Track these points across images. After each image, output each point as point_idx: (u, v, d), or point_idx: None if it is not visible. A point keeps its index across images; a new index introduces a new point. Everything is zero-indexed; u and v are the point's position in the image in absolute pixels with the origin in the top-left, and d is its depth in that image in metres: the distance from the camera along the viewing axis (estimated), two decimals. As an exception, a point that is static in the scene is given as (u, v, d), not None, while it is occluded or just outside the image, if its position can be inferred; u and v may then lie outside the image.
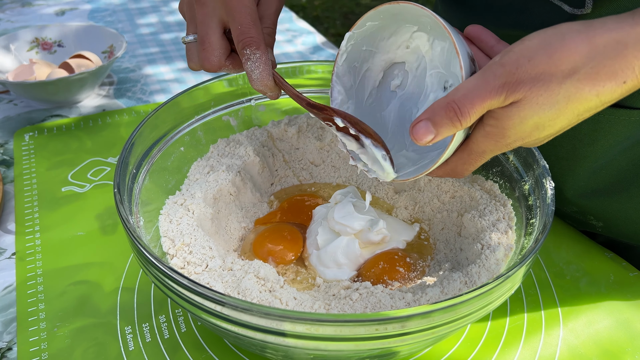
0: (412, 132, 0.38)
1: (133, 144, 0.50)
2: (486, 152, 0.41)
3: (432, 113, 0.37)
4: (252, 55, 0.45)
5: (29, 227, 0.62)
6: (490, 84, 0.36)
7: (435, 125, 0.37)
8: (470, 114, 0.37)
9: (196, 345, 0.50)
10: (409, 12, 0.43)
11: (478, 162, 0.42)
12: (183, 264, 0.47)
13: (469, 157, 0.42)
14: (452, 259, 0.50)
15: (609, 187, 0.56)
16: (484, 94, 0.36)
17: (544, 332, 0.51)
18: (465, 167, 0.43)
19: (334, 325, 0.35)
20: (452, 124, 0.37)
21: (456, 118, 0.37)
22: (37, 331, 0.51)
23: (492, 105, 0.37)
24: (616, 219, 0.58)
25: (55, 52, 0.92)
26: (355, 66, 0.50)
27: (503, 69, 0.36)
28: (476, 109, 0.37)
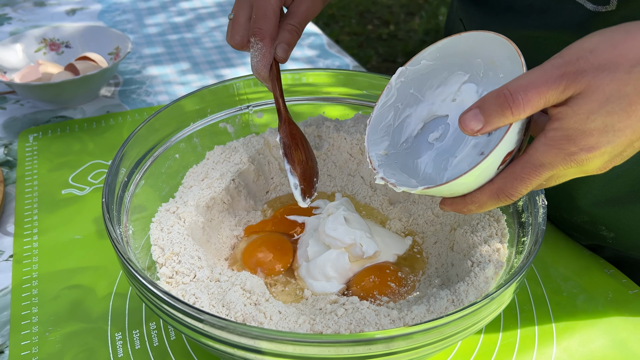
0: (460, 121, 0.35)
1: (126, 151, 0.50)
2: (545, 165, 0.35)
3: (483, 101, 0.35)
4: (256, 44, 0.49)
5: (27, 230, 0.63)
6: (548, 74, 0.33)
7: (484, 112, 0.35)
8: (523, 103, 0.33)
9: (184, 353, 0.50)
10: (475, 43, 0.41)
11: (533, 179, 0.36)
12: (171, 274, 0.47)
13: (522, 171, 0.36)
14: (442, 274, 0.49)
15: (623, 196, 0.55)
16: (540, 83, 0.33)
17: (536, 350, 0.50)
18: (516, 186, 0.37)
19: (312, 346, 0.35)
20: (502, 112, 0.34)
21: (507, 105, 0.34)
22: (29, 335, 0.51)
23: (549, 97, 0.34)
24: (629, 230, 0.57)
25: (62, 52, 0.93)
26: (399, 107, 0.48)
27: (562, 60, 0.33)
28: (530, 97, 0.33)
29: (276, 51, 0.50)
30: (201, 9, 1.23)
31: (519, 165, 0.36)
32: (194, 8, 1.23)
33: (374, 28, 3.14)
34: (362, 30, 3.08)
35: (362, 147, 0.60)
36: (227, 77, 0.96)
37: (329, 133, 0.61)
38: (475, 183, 0.38)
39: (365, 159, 0.60)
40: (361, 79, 0.63)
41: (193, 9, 1.23)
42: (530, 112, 0.34)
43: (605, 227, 0.58)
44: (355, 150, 0.60)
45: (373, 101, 0.63)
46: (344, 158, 0.61)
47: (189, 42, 1.09)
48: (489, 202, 0.38)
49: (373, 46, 2.94)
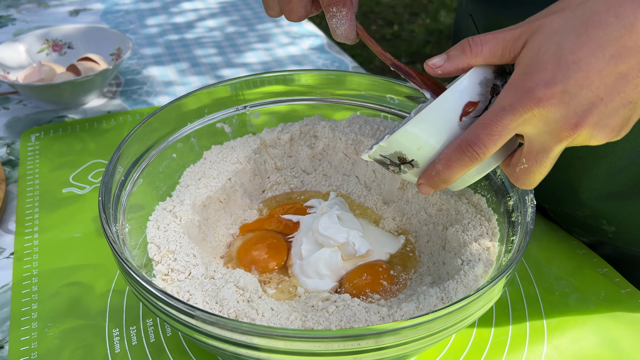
0: (427, 61, 0.39)
1: (123, 151, 0.51)
2: (506, 108, 0.35)
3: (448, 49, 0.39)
4: (339, 12, 0.46)
5: (28, 228, 0.64)
6: (504, 31, 0.37)
7: (448, 52, 0.39)
8: (482, 44, 0.38)
9: (180, 350, 0.51)
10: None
11: (494, 125, 0.36)
12: (167, 271, 0.47)
13: (484, 118, 0.37)
14: (434, 272, 0.50)
15: (626, 190, 0.55)
16: (499, 32, 0.38)
17: (527, 348, 0.51)
18: (478, 133, 0.37)
19: (301, 341, 0.36)
20: (463, 51, 0.38)
21: (467, 47, 0.38)
22: (28, 331, 0.52)
23: (507, 42, 0.37)
24: (630, 223, 0.57)
25: (65, 53, 0.94)
26: None
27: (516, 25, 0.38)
28: (489, 41, 0.37)
29: None
30: (203, 10, 1.24)
31: (482, 115, 0.37)
32: (196, 9, 1.25)
33: (377, 28, 3.15)
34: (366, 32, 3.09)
35: (356, 148, 0.60)
36: (228, 77, 0.97)
37: (325, 133, 0.62)
38: (437, 134, 0.39)
39: (360, 160, 0.61)
40: (357, 79, 0.64)
41: (194, 10, 1.24)
42: (488, 53, 0.38)
43: (606, 221, 0.58)
44: (350, 150, 0.61)
45: (369, 102, 0.64)
46: (339, 158, 0.61)
47: (190, 42, 1.10)
48: (453, 156, 0.38)
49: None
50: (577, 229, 0.62)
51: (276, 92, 0.64)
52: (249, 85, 0.63)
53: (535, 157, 0.37)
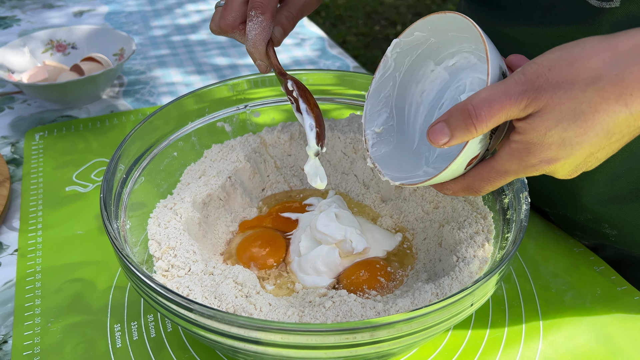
0: (428, 134, 0.38)
1: (125, 149, 0.52)
2: (509, 172, 0.39)
3: (449, 115, 0.37)
4: (255, 17, 0.48)
5: (32, 225, 0.65)
6: (511, 90, 0.35)
7: (450, 127, 0.37)
8: (485, 119, 0.36)
9: (180, 345, 0.51)
10: (454, 24, 0.43)
11: (497, 181, 0.40)
12: (167, 267, 0.48)
13: (489, 175, 0.40)
14: (430, 269, 0.51)
15: (628, 194, 0.56)
16: (503, 100, 0.35)
17: (522, 344, 0.51)
18: (483, 185, 0.41)
19: (297, 334, 0.36)
20: (467, 127, 0.36)
21: (471, 122, 0.36)
22: (31, 326, 0.53)
23: (510, 113, 0.36)
24: (632, 227, 0.57)
25: (69, 54, 0.95)
26: (396, 76, 0.49)
27: (524, 77, 0.35)
28: (493, 114, 0.36)
29: (273, 31, 0.50)
30: (206, 11, 1.25)
31: (486, 169, 0.40)
32: (199, 10, 1.26)
33: (381, 29, 3.16)
34: (369, 31, 3.10)
35: (355, 147, 0.61)
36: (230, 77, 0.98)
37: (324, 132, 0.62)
38: (446, 179, 0.42)
39: (359, 158, 0.61)
40: (356, 79, 0.65)
41: (198, 11, 1.25)
42: (493, 126, 0.36)
43: (608, 224, 0.59)
44: (349, 149, 0.61)
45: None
46: (338, 157, 0.62)
47: (193, 43, 1.11)
48: (460, 192, 0.43)
49: (380, 47, 2.95)
50: (579, 232, 0.62)
51: (276, 92, 0.65)
52: (250, 85, 0.64)
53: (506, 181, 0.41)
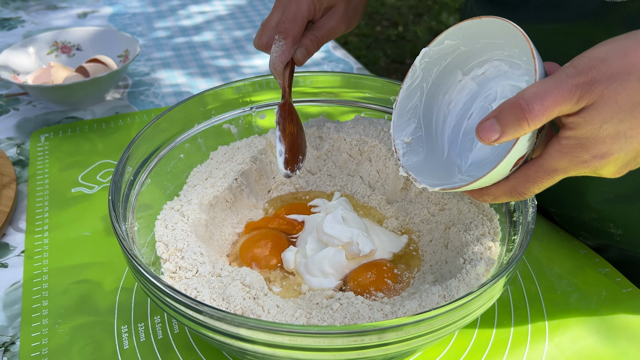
0: (478, 130, 0.37)
1: (132, 151, 0.52)
2: (558, 170, 0.38)
3: (499, 111, 0.36)
4: (278, 41, 0.54)
5: (38, 226, 0.65)
6: (563, 84, 0.34)
7: (501, 122, 0.36)
8: (538, 114, 0.35)
9: (187, 346, 0.52)
10: (488, 29, 0.43)
11: (545, 181, 0.39)
12: (175, 269, 0.49)
13: (536, 174, 0.38)
14: (436, 271, 0.51)
15: (634, 193, 0.55)
16: (556, 93, 0.34)
17: (529, 346, 0.52)
18: (529, 187, 0.39)
19: (306, 337, 0.37)
20: (519, 122, 0.35)
21: (523, 116, 0.35)
22: (39, 327, 0.54)
23: (563, 108, 0.35)
24: (638, 226, 0.57)
25: (73, 55, 0.95)
26: (424, 87, 0.49)
27: (576, 70, 0.35)
28: (546, 108, 0.35)
29: (296, 53, 0.55)
30: (209, 13, 1.25)
31: (533, 169, 0.39)
32: (203, 12, 1.26)
33: (382, 29, 3.16)
34: (370, 32, 3.10)
35: (360, 149, 0.61)
36: (235, 79, 0.98)
37: (330, 134, 0.63)
38: (489, 183, 0.41)
39: (364, 160, 0.62)
40: (362, 81, 0.65)
41: (202, 13, 1.25)
42: (546, 121, 0.35)
43: (613, 224, 0.59)
44: (355, 151, 0.62)
45: (373, 103, 0.65)
46: (343, 158, 0.62)
47: (197, 45, 1.11)
48: (502, 196, 0.41)
49: (381, 47, 2.95)
50: (583, 232, 0.63)
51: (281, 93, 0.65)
52: (255, 87, 0.64)
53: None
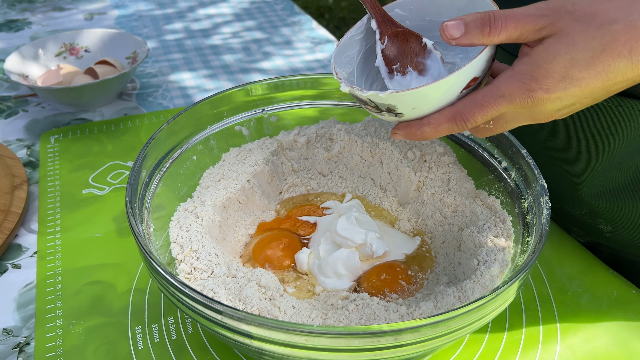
0: (442, 27, 0.39)
1: (147, 153, 0.53)
2: (505, 96, 0.38)
3: (467, 16, 0.39)
4: None
5: (50, 228, 0.66)
6: (530, 11, 0.38)
7: (466, 25, 0.39)
8: (501, 27, 0.38)
9: (201, 347, 0.52)
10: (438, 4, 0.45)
11: (491, 107, 0.39)
12: (190, 270, 0.49)
13: (484, 99, 0.39)
14: (450, 272, 0.51)
15: (623, 188, 0.56)
16: (520, 16, 0.37)
17: (540, 347, 0.52)
18: (474, 112, 0.39)
19: (325, 337, 0.37)
20: (482, 28, 0.38)
21: (487, 24, 0.38)
22: (53, 328, 0.54)
23: (525, 31, 0.37)
24: (627, 222, 0.58)
25: (82, 57, 0.96)
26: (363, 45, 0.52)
27: (546, 5, 0.37)
28: (509, 24, 0.37)
29: None
30: (217, 16, 1.26)
31: (481, 93, 0.39)
32: (209, 15, 1.26)
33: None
34: (372, 34, 3.10)
35: (372, 151, 0.62)
36: (242, 81, 0.99)
37: (340, 136, 0.63)
38: (436, 101, 0.41)
39: (376, 162, 0.62)
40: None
41: (208, 16, 1.26)
42: (505, 37, 0.38)
43: (603, 220, 0.59)
44: (366, 153, 0.62)
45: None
46: (355, 160, 0.63)
47: (204, 47, 1.12)
48: (444, 124, 0.41)
49: (383, 49, 2.95)
50: (575, 228, 0.63)
51: (292, 95, 0.65)
52: (266, 89, 0.64)
53: (503, 125, 0.42)
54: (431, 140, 0.60)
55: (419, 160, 0.58)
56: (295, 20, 1.23)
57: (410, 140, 0.60)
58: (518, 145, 0.51)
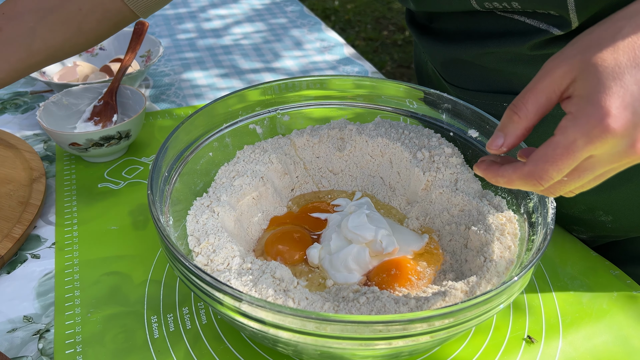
0: (488, 146, 0.40)
1: (167, 148, 0.55)
2: (576, 141, 0.34)
3: (497, 127, 0.40)
4: None
5: (67, 220, 0.68)
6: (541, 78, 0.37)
7: (500, 130, 0.39)
8: (523, 104, 0.38)
9: (215, 336, 0.54)
10: None
11: (564, 161, 0.35)
12: (207, 261, 0.51)
13: (554, 153, 0.35)
14: (457, 269, 0.53)
15: (615, 180, 0.56)
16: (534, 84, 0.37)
17: (543, 343, 0.54)
18: (546, 169, 0.36)
19: (338, 324, 0.39)
20: (511, 119, 0.38)
21: (513, 114, 0.38)
22: (72, 316, 0.56)
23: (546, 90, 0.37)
24: (625, 210, 0.59)
25: (97, 54, 0.98)
26: None
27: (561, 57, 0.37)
28: (528, 97, 0.37)
29: None
30: (228, 17, 1.28)
31: (550, 147, 0.36)
32: (221, 15, 1.28)
33: (389, 34, 3.18)
34: (377, 36, 3.12)
35: (382, 150, 0.63)
36: (253, 81, 1.01)
37: (351, 136, 0.65)
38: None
39: (385, 162, 0.64)
40: (378, 84, 0.67)
41: (220, 17, 1.28)
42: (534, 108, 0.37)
43: (603, 211, 0.60)
44: (376, 152, 0.64)
45: (392, 106, 0.67)
46: (365, 160, 0.65)
47: (216, 47, 1.14)
48: (517, 181, 0.39)
49: (388, 52, 2.98)
50: (576, 226, 0.65)
51: (305, 95, 0.67)
52: (280, 89, 0.66)
53: (580, 173, 0.37)
54: (439, 141, 0.62)
55: (428, 161, 0.60)
56: (305, 22, 1.25)
57: (419, 141, 0.62)
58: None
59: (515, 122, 0.38)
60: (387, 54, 2.94)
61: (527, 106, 0.38)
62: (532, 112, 0.38)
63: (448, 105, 0.62)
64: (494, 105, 0.61)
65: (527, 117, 0.38)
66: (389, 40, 3.09)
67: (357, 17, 3.36)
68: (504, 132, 0.39)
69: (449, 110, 0.62)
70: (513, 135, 0.39)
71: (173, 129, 0.56)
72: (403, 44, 3.04)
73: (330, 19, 3.29)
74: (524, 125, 0.38)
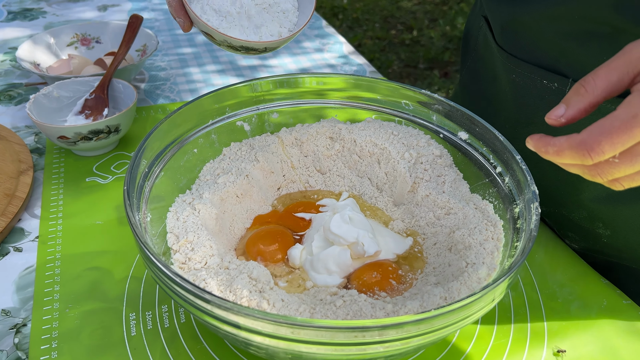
0: (547, 116, 0.38)
1: (147, 144, 0.54)
2: (638, 116, 0.33)
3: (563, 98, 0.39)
4: None
5: (53, 213, 0.67)
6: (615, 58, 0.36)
7: (564, 101, 0.38)
8: (593, 79, 0.37)
9: (193, 336, 0.53)
10: None
11: (621, 135, 0.34)
12: (184, 260, 0.50)
13: (612, 125, 0.34)
14: (439, 273, 0.52)
15: (626, 192, 0.56)
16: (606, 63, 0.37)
17: (527, 353, 0.52)
18: (600, 140, 0.34)
19: (308, 329, 0.38)
20: (577, 92, 0.37)
21: (581, 87, 0.37)
22: (50, 310, 0.55)
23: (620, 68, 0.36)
24: (625, 227, 0.58)
25: (93, 47, 0.97)
26: None
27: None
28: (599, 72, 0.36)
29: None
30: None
31: (608, 120, 0.34)
32: (220, 9, 1.27)
33: (397, 33, 3.17)
34: (385, 35, 3.11)
35: (370, 150, 0.62)
36: (249, 77, 1.00)
37: (341, 135, 0.64)
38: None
39: (373, 162, 0.63)
40: (375, 85, 0.66)
41: (219, 10, 1.27)
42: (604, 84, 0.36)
43: (602, 224, 0.59)
44: (364, 152, 0.63)
45: (385, 107, 0.66)
46: (353, 160, 0.64)
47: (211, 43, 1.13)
48: (567, 151, 0.36)
49: (395, 51, 2.96)
50: (571, 233, 0.63)
51: (295, 93, 0.66)
52: (269, 86, 0.65)
53: (633, 157, 0.35)
54: (428, 143, 0.61)
55: (416, 162, 0.59)
56: (306, 19, 1.23)
57: (408, 142, 0.61)
58: (513, 151, 0.52)
59: (581, 94, 0.37)
60: (394, 53, 2.92)
61: (597, 81, 0.37)
62: (601, 88, 0.37)
63: (438, 106, 0.61)
64: (532, 78, 0.58)
65: (594, 93, 0.37)
66: (397, 40, 3.07)
67: (365, 15, 3.35)
68: (566, 104, 0.38)
69: (439, 111, 0.61)
70: (575, 108, 0.37)
71: (156, 124, 0.56)
72: (410, 44, 3.02)
73: (337, 17, 3.28)
74: (589, 100, 0.37)
